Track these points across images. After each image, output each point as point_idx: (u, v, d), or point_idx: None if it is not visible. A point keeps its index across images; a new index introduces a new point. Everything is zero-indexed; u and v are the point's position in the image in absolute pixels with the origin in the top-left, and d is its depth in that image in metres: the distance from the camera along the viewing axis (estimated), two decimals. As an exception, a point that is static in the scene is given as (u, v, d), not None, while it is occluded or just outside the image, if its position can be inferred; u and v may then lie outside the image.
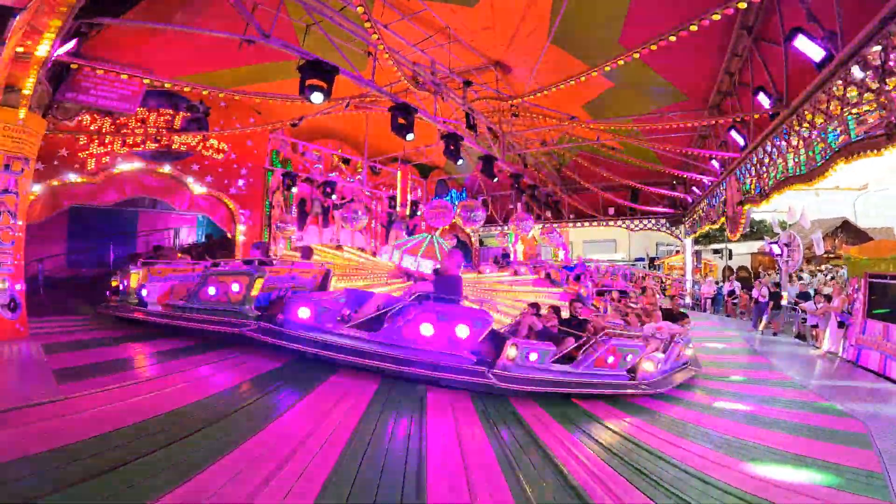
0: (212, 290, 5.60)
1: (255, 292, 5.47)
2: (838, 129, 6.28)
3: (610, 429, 4.37)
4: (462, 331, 4.95)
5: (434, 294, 5.18)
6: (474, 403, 4.48)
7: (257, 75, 9.68)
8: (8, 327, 5.35)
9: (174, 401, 3.43)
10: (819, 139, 6.78)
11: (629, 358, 5.71)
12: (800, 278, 16.49)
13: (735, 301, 15.26)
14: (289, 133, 13.20)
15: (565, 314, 6.79)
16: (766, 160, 8.91)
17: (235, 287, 5.51)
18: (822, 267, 21.65)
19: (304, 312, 5.08)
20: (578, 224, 19.96)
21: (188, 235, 16.05)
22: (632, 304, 9.47)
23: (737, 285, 15.83)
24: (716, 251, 30.03)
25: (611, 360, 5.54)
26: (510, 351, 5.05)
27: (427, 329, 4.92)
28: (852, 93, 5.70)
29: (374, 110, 12.09)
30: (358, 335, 5.02)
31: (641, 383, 5.70)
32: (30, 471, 2.29)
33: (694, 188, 15.63)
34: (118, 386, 3.63)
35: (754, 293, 12.10)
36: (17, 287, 5.60)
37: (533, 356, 5.13)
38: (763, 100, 7.69)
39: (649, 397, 5.65)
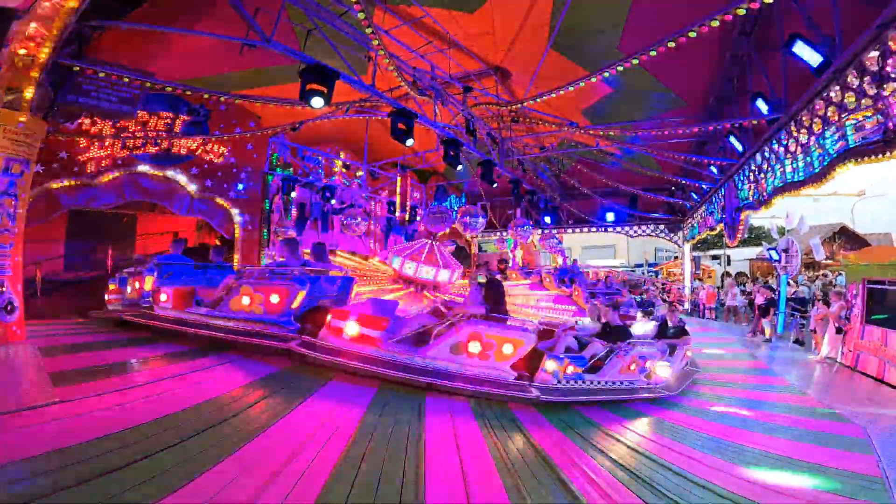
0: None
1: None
2: (836, 135, 6.30)
3: (609, 434, 4.35)
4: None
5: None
6: (472, 409, 4.47)
7: (258, 79, 9.70)
8: (5, 330, 5.31)
9: (172, 404, 3.41)
10: (817, 145, 6.80)
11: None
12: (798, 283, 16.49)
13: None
14: (289, 137, 13.21)
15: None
16: (765, 166, 8.94)
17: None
18: (820, 272, 21.69)
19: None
20: (577, 230, 19.99)
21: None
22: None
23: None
24: (714, 257, 30.14)
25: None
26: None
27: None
28: (850, 99, 5.73)
29: (375, 115, 12.12)
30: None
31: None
32: (26, 474, 2.27)
33: (693, 194, 15.68)
34: (116, 389, 3.60)
35: (757, 300, 12.12)
36: (14, 298, 5.56)
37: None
38: (762, 106, 7.73)
39: (649, 403, 5.65)
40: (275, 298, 5.24)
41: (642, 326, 7.31)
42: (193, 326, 5.33)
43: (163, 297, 5.74)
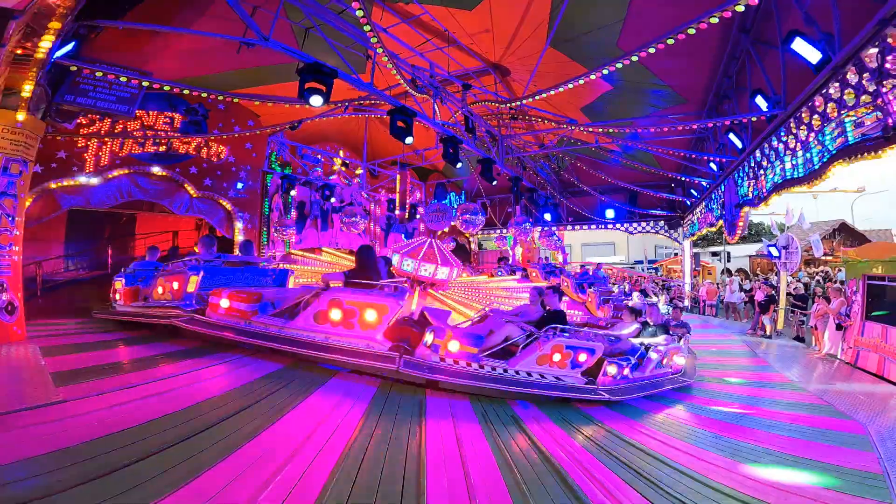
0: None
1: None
2: (836, 132, 6.30)
3: (609, 431, 4.36)
4: None
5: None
6: (473, 406, 4.47)
7: (256, 78, 9.68)
8: (6, 330, 5.33)
9: (173, 404, 3.41)
10: (816, 142, 6.80)
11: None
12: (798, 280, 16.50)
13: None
14: (288, 136, 13.20)
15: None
16: (764, 163, 8.94)
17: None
18: (820, 269, 21.70)
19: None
20: (577, 227, 19.99)
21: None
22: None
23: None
24: (714, 253, 30.18)
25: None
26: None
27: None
28: (849, 95, 5.72)
29: (374, 113, 12.11)
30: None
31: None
32: (28, 473, 2.27)
33: (692, 191, 15.68)
34: (117, 389, 3.61)
35: (757, 296, 12.14)
36: (15, 298, 5.57)
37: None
38: (761, 102, 7.72)
39: (648, 399, 5.64)
40: (175, 285, 5.95)
41: (628, 325, 6.91)
42: (127, 315, 6.28)
43: (117, 296, 6.76)
